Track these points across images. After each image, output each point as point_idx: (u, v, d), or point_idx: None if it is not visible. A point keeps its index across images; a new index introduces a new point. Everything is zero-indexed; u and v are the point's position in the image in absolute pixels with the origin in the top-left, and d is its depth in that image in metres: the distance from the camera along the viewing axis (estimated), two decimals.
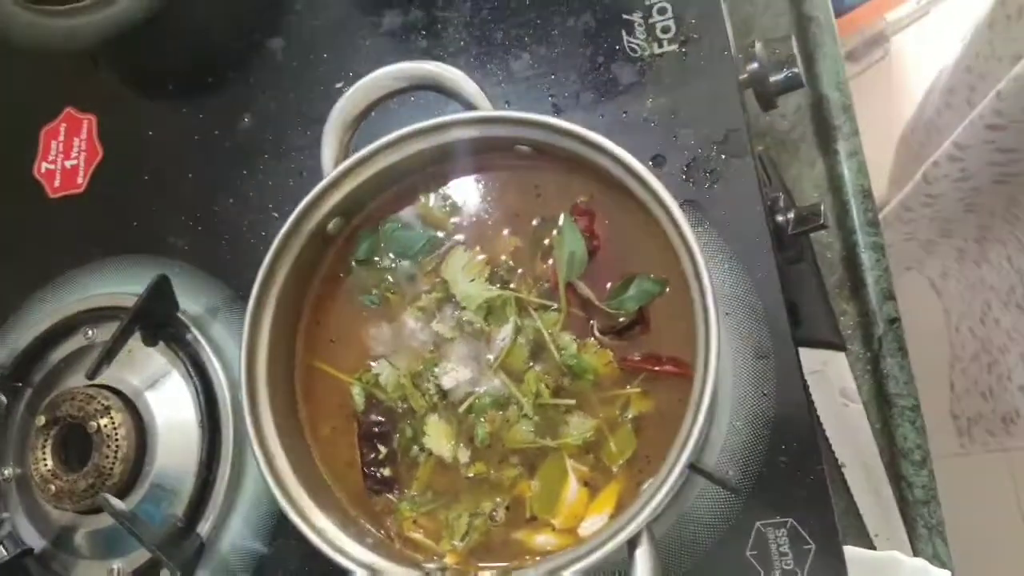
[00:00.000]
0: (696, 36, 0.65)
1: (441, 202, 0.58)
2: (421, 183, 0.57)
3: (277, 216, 0.70)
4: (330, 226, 0.56)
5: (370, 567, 0.48)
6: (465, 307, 0.54)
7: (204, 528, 0.63)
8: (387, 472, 0.55)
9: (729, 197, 0.61)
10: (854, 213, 0.77)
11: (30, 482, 0.66)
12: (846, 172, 0.78)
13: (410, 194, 0.58)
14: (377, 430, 0.55)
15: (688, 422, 0.47)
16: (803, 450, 0.57)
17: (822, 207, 0.68)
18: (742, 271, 0.60)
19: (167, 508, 0.64)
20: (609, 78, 0.66)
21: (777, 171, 0.79)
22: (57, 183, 0.76)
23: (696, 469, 0.56)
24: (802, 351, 0.60)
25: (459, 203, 0.58)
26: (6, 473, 0.68)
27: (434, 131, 0.53)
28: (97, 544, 0.66)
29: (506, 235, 0.56)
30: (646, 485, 0.50)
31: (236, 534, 0.64)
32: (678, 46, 0.65)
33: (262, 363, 0.53)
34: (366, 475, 0.55)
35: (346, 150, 0.55)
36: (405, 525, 0.54)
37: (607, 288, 0.54)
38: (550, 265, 0.55)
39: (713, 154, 0.62)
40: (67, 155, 0.76)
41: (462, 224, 0.57)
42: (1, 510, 0.68)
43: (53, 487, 0.63)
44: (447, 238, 0.57)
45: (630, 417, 0.53)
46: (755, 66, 0.65)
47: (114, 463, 0.62)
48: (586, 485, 0.52)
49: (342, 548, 0.50)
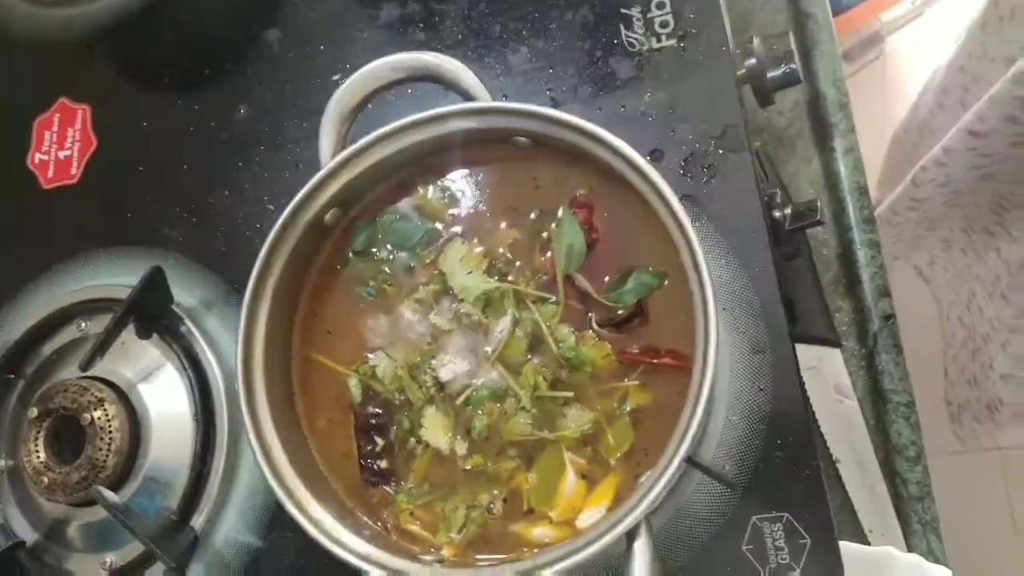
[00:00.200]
0: (694, 31, 0.65)
1: (439, 194, 0.57)
2: (419, 174, 0.57)
3: (273, 208, 0.69)
4: (327, 217, 0.55)
5: (368, 559, 0.48)
6: (463, 299, 0.54)
7: (198, 521, 0.63)
8: (384, 464, 0.54)
9: (726, 192, 0.61)
10: (850, 210, 0.77)
11: (22, 474, 0.65)
12: (842, 169, 0.78)
13: (408, 185, 0.57)
14: (374, 422, 0.55)
15: (687, 414, 0.46)
16: (799, 445, 0.57)
17: (819, 203, 0.68)
18: (739, 266, 0.60)
19: (161, 501, 0.63)
20: (607, 72, 0.66)
21: (774, 167, 0.79)
22: (51, 174, 0.75)
23: (693, 463, 0.56)
24: (797, 347, 0.60)
25: (457, 195, 0.57)
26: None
27: (433, 122, 0.53)
28: (90, 537, 0.65)
29: (504, 227, 0.56)
30: (644, 477, 0.50)
31: (230, 527, 0.64)
32: (676, 41, 0.65)
33: (259, 355, 0.52)
34: (363, 467, 0.54)
35: (344, 141, 0.55)
36: (402, 517, 0.54)
37: (606, 281, 0.54)
38: (548, 257, 0.55)
39: (711, 149, 0.62)
40: (61, 146, 0.75)
41: (460, 216, 0.57)
42: None
43: (46, 479, 0.62)
44: (445, 230, 0.57)
45: (628, 410, 0.53)
46: (753, 62, 0.65)
47: (107, 455, 0.62)
48: (584, 478, 0.52)
49: (339, 539, 0.49)
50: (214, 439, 0.64)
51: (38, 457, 0.63)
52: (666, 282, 0.53)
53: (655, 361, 0.52)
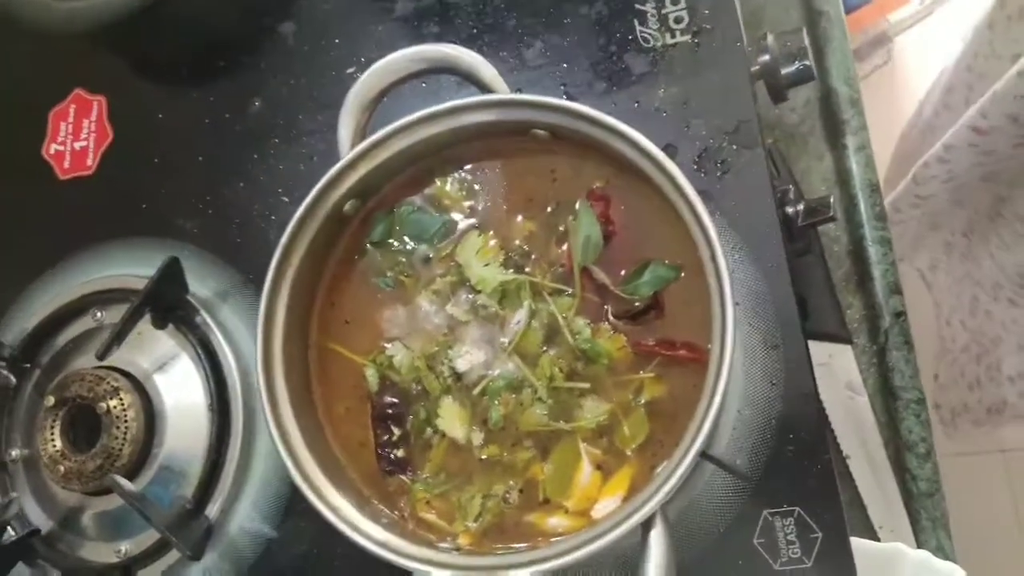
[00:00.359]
0: (708, 27, 0.65)
1: (457, 186, 0.58)
2: (437, 166, 0.57)
3: (287, 200, 0.70)
4: (346, 208, 0.56)
5: (386, 545, 0.49)
6: (480, 291, 0.54)
7: (213, 510, 0.63)
8: (401, 453, 0.55)
9: (740, 188, 0.62)
10: (862, 207, 0.77)
11: (38, 463, 0.66)
12: (854, 166, 0.78)
13: (426, 177, 0.57)
14: (391, 411, 0.55)
15: (703, 406, 0.47)
16: (811, 440, 0.57)
17: (831, 200, 0.68)
18: (752, 261, 0.60)
19: (175, 490, 0.64)
20: (621, 67, 0.66)
21: (786, 164, 0.79)
22: (67, 164, 0.75)
23: (706, 456, 0.56)
24: (809, 343, 0.60)
25: (475, 187, 0.58)
26: (13, 454, 0.68)
27: (452, 114, 0.53)
28: (104, 525, 0.66)
29: (521, 219, 0.56)
30: (660, 468, 0.51)
31: (244, 516, 0.64)
32: (690, 37, 0.65)
33: (277, 345, 0.53)
34: (380, 456, 0.55)
35: (362, 132, 0.55)
36: (418, 506, 0.54)
37: (622, 273, 0.54)
38: (565, 250, 0.55)
39: (724, 145, 0.63)
40: (76, 137, 0.76)
41: (477, 208, 0.57)
42: (9, 491, 0.68)
43: (62, 468, 0.63)
44: (462, 222, 0.57)
45: (643, 401, 0.53)
46: (767, 58, 0.65)
47: (123, 444, 0.62)
48: (599, 468, 0.53)
49: (357, 526, 0.50)
50: (229, 429, 0.64)
51: (54, 446, 0.63)
52: (682, 275, 0.53)
53: (671, 353, 0.52)
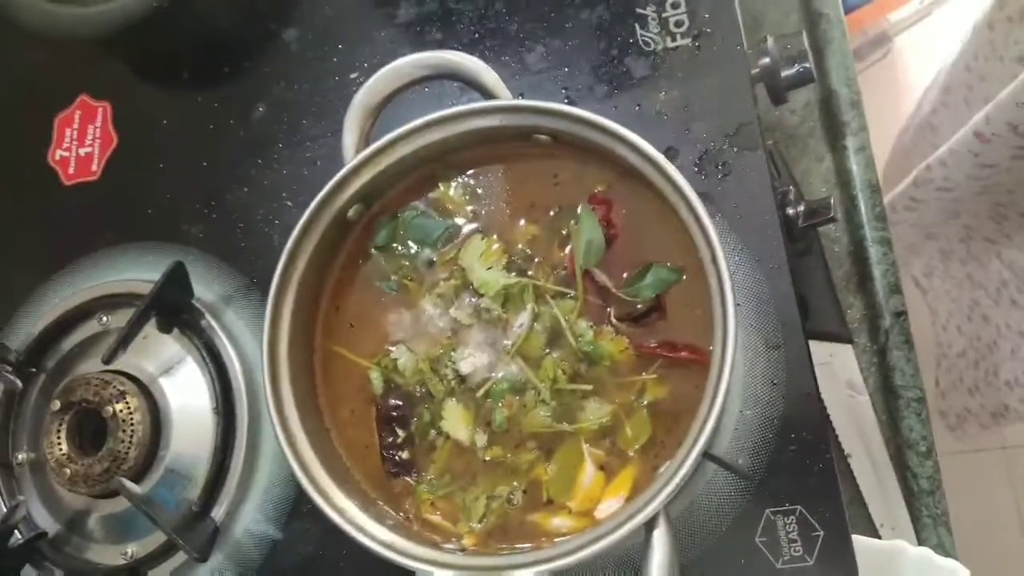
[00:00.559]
0: (709, 30, 0.65)
1: (460, 190, 0.58)
2: (440, 171, 0.58)
3: (291, 205, 0.70)
4: (350, 213, 0.56)
5: (391, 547, 0.49)
6: (483, 294, 0.55)
7: (219, 513, 0.64)
8: (405, 455, 0.55)
9: (740, 190, 0.62)
10: (862, 207, 0.77)
11: (44, 466, 0.66)
12: (854, 167, 0.78)
13: (429, 182, 0.58)
14: (395, 414, 0.55)
15: (705, 407, 0.47)
16: (812, 439, 0.58)
17: (831, 201, 0.69)
18: (753, 263, 0.61)
19: (181, 493, 0.64)
20: (622, 71, 0.66)
21: (787, 165, 0.80)
22: (71, 170, 0.76)
23: (709, 456, 0.56)
24: (810, 343, 0.61)
25: (478, 191, 0.58)
26: (20, 458, 0.69)
27: (455, 119, 0.53)
28: (111, 528, 0.66)
29: (524, 223, 0.57)
30: (662, 469, 0.51)
31: (250, 519, 0.65)
32: (691, 40, 0.65)
33: (283, 348, 0.53)
34: (385, 458, 0.55)
35: (367, 137, 0.55)
36: (423, 507, 0.55)
37: (624, 276, 0.55)
38: (567, 253, 0.56)
39: (725, 147, 0.63)
40: (81, 142, 0.76)
41: (480, 212, 0.58)
42: (16, 494, 0.68)
43: (68, 471, 0.63)
44: (465, 226, 0.58)
45: (646, 403, 0.53)
46: (767, 61, 0.65)
47: (129, 448, 0.63)
48: (602, 469, 0.53)
49: (363, 528, 0.50)
50: (234, 432, 0.65)
51: (60, 449, 0.64)
52: (684, 277, 0.54)
53: (673, 355, 0.53)
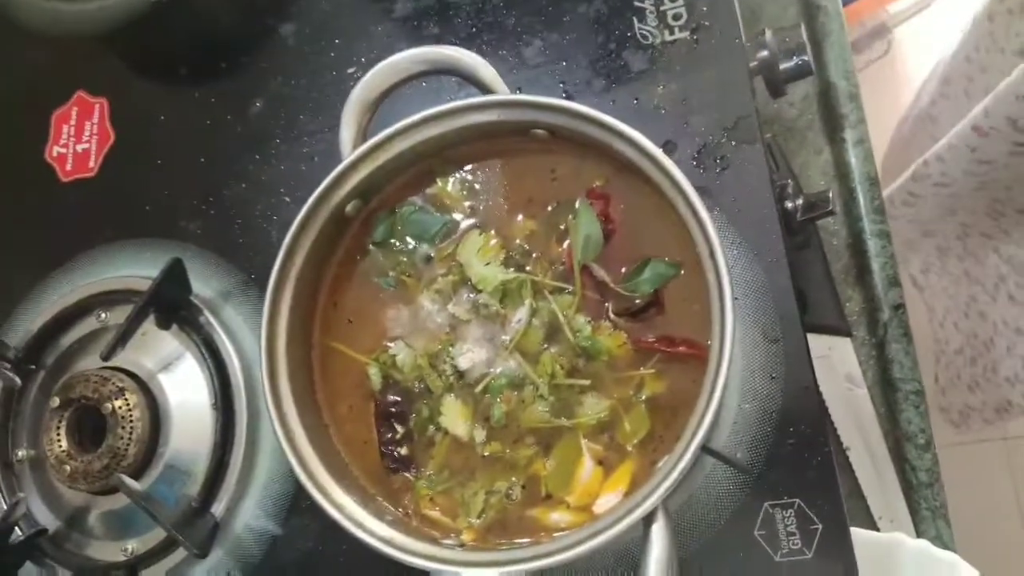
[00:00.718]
0: (707, 23, 0.65)
1: (458, 185, 0.58)
2: (438, 166, 0.58)
3: (289, 201, 0.70)
4: (348, 208, 0.56)
5: (391, 542, 0.49)
6: (481, 290, 0.55)
7: (218, 509, 0.64)
8: (404, 451, 0.55)
9: (739, 183, 0.62)
10: (860, 200, 0.77)
11: (44, 463, 0.66)
12: (853, 160, 0.78)
13: (427, 177, 0.58)
14: (394, 410, 0.55)
15: (703, 402, 0.47)
16: (811, 432, 0.58)
17: (830, 194, 0.69)
18: (751, 256, 0.61)
19: (181, 489, 0.64)
20: (620, 65, 0.66)
21: (785, 158, 0.80)
22: (69, 167, 0.76)
23: (707, 450, 0.56)
24: (808, 336, 0.61)
25: (475, 186, 0.58)
26: (20, 455, 0.69)
27: (453, 115, 0.53)
28: (111, 524, 0.66)
29: (521, 218, 0.57)
30: (661, 463, 0.51)
31: (250, 514, 0.65)
32: (689, 33, 0.65)
33: (281, 344, 0.53)
34: (383, 454, 0.55)
35: (364, 133, 0.55)
36: (422, 503, 0.55)
37: (622, 271, 0.55)
38: (565, 248, 0.56)
39: (723, 141, 0.63)
40: (79, 139, 0.76)
41: (478, 207, 0.58)
42: (16, 491, 0.69)
43: (68, 468, 0.63)
44: (463, 221, 0.58)
45: (644, 397, 0.53)
46: (765, 54, 0.65)
47: (128, 444, 0.63)
48: (600, 464, 0.53)
49: (362, 523, 0.50)
50: (233, 428, 0.65)
51: (60, 446, 0.64)
52: (682, 272, 0.54)
53: (671, 350, 0.53)
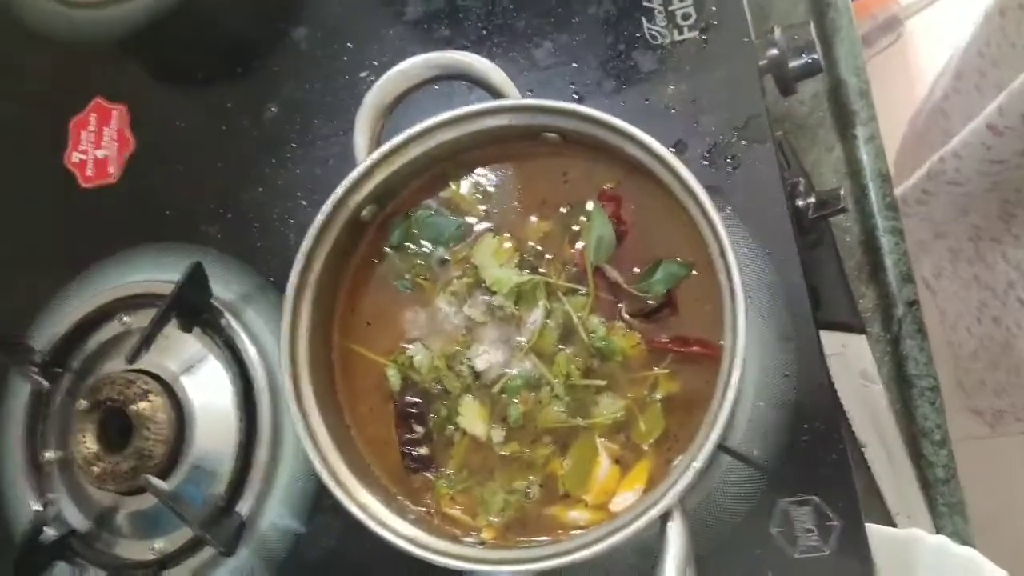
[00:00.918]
0: (716, 23, 0.65)
1: (471, 189, 0.59)
2: (452, 170, 0.58)
3: (306, 204, 0.71)
4: (364, 213, 0.57)
5: (414, 541, 0.50)
6: (496, 292, 0.56)
7: (244, 508, 0.65)
8: (424, 451, 0.56)
9: (750, 182, 0.62)
10: (872, 197, 0.77)
11: (73, 465, 0.68)
12: (864, 157, 0.78)
13: (441, 181, 0.59)
14: (413, 411, 0.56)
15: (718, 399, 0.48)
16: (826, 429, 0.58)
17: (842, 192, 0.69)
18: (764, 255, 0.61)
19: (207, 489, 0.66)
20: (630, 65, 0.67)
21: (796, 156, 0.80)
22: (89, 172, 0.77)
23: (723, 448, 0.57)
24: (822, 334, 0.61)
25: (489, 190, 0.59)
26: (48, 456, 0.70)
27: (466, 119, 0.54)
28: (139, 524, 0.68)
29: (535, 221, 0.57)
30: (676, 461, 0.52)
31: (274, 513, 0.66)
32: (698, 33, 0.66)
33: (302, 348, 0.54)
34: (404, 454, 0.56)
35: (378, 138, 0.56)
36: (443, 502, 0.55)
37: (635, 272, 0.55)
38: (578, 250, 0.56)
39: (734, 140, 0.63)
40: (98, 145, 0.77)
41: (492, 211, 0.58)
42: (46, 492, 0.70)
43: (96, 469, 0.65)
44: (477, 224, 0.58)
45: (659, 397, 0.54)
46: (774, 52, 0.65)
47: (155, 445, 0.64)
48: (617, 463, 0.54)
49: (385, 523, 0.51)
50: (257, 428, 0.66)
51: (88, 448, 0.65)
52: (694, 272, 0.54)
53: (684, 350, 0.54)
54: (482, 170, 0.59)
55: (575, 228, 0.57)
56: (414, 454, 0.56)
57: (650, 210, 0.56)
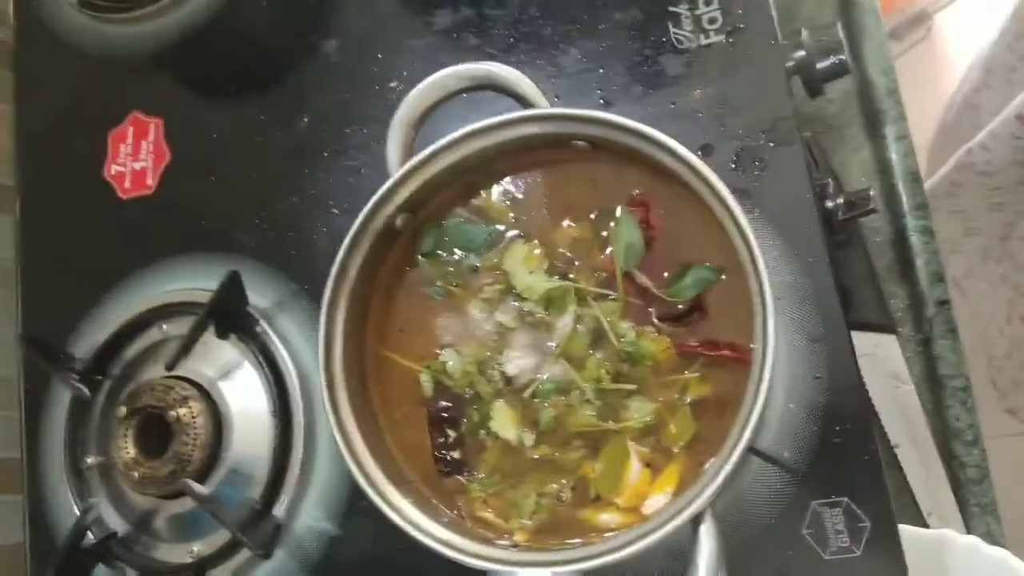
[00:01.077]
0: (742, 26, 0.65)
1: (501, 197, 0.59)
2: (482, 179, 0.59)
3: (338, 212, 0.72)
4: (397, 222, 0.58)
5: (449, 544, 0.51)
6: (526, 298, 0.56)
7: (280, 511, 0.66)
8: (456, 455, 0.57)
9: (778, 184, 0.62)
10: (903, 197, 0.77)
11: (113, 470, 0.69)
12: (894, 156, 0.78)
13: (472, 189, 0.59)
14: (446, 415, 0.57)
15: (748, 403, 0.48)
16: (857, 430, 0.58)
17: (871, 192, 0.69)
18: (793, 257, 0.61)
19: (243, 492, 0.67)
20: (657, 70, 0.67)
21: (825, 156, 0.80)
22: (127, 184, 0.79)
23: (754, 451, 0.57)
24: (853, 334, 0.61)
25: (519, 197, 0.59)
26: (89, 462, 0.72)
27: (495, 129, 0.55)
28: (177, 527, 0.69)
29: (564, 227, 0.58)
30: (707, 465, 0.52)
31: (310, 516, 0.67)
32: (724, 36, 0.66)
33: (337, 354, 0.55)
34: (437, 458, 0.57)
35: (410, 149, 0.57)
36: (476, 505, 0.56)
37: (664, 276, 0.56)
38: (608, 255, 0.57)
39: (761, 142, 0.63)
40: (135, 157, 0.79)
41: (522, 218, 0.59)
42: (87, 497, 0.72)
43: (136, 474, 0.66)
44: (507, 231, 0.59)
45: (689, 401, 0.54)
46: (802, 54, 0.65)
47: (193, 450, 0.66)
48: (648, 466, 0.54)
49: (420, 525, 0.52)
50: (291, 432, 0.67)
51: (128, 453, 0.67)
52: (723, 276, 0.55)
53: (714, 354, 0.54)
54: (511, 178, 0.59)
55: (604, 234, 0.57)
56: (447, 458, 0.57)
57: (679, 215, 0.56)
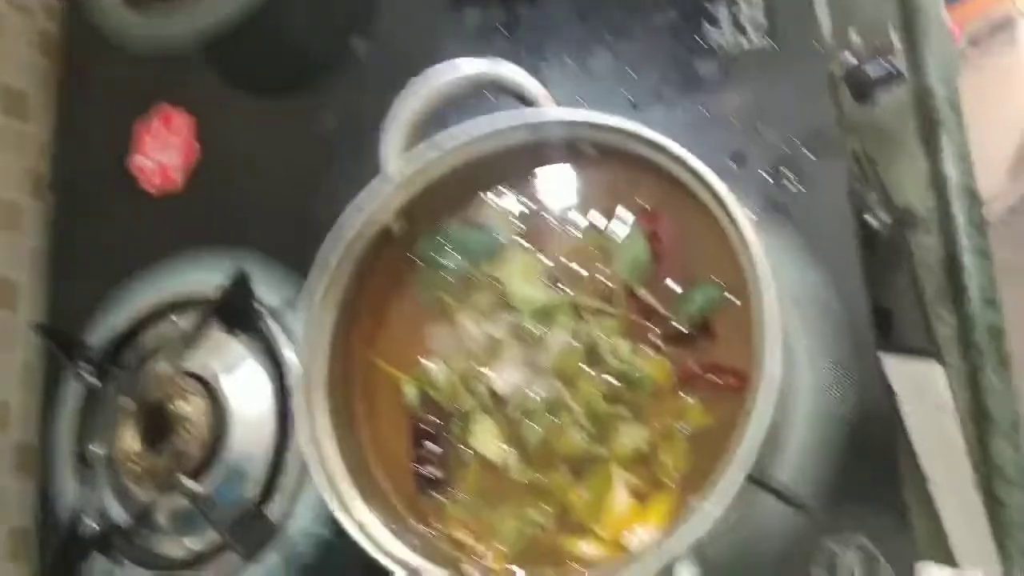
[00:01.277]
0: (784, 29, 0.62)
1: (502, 203, 0.58)
2: (482, 184, 0.57)
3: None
4: (394, 227, 0.57)
5: (407, 565, 0.49)
6: (521, 310, 0.54)
7: (275, 512, 0.66)
8: (436, 471, 0.55)
9: (815, 198, 0.59)
10: (957, 216, 0.72)
11: (116, 461, 0.69)
12: (951, 172, 0.73)
13: (471, 195, 0.58)
14: (429, 429, 0.55)
15: (746, 437, 0.45)
16: (881, 464, 0.55)
17: (919, 209, 0.65)
18: (826, 275, 0.58)
19: (240, 491, 0.66)
20: (690, 73, 0.64)
21: (874, 167, 0.75)
22: (153, 178, 0.80)
23: (759, 483, 0.53)
24: (895, 359, 0.59)
25: (520, 204, 0.57)
26: (94, 451, 0.72)
27: (498, 133, 0.53)
28: (176, 522, 0.69)
29: (567, 237, 0.56)
30: (698, 501, 0.49)
31: (304, 519, 0.66)
32: (766, 40, 0.63)
33: (321, 358, 0.54)
34: (416, 472, 0.55)
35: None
36: (451, 524, 0.54)
37: (671, 293, 0.53)
38: (611, 269, 0.54)
39: (800, 152, 0.60)
40: (162, 151, 0.80)
41: (523, 225, 0.57)
42: (92, 485, 0.72)
43: (136, 467, 0.67)
44: (506, 239, 0.57)
45: (686, 429, 0.51)
46: (851, 58, 0.62)
47: (191, 445, 0.65)
48: (636, 496, 0.51)
49: (381, 544, 0.50)
50: (290, 432, 0.66)
51: (130, 445, 0.67)
52: (738, 302, 0.51)
53: (717, 380, 0.51)
54: (514, 183, 0.57)
55: (609, 246, 0.55)
56: (427, 473, 0.55)
57: (689, 229, 0.53)
